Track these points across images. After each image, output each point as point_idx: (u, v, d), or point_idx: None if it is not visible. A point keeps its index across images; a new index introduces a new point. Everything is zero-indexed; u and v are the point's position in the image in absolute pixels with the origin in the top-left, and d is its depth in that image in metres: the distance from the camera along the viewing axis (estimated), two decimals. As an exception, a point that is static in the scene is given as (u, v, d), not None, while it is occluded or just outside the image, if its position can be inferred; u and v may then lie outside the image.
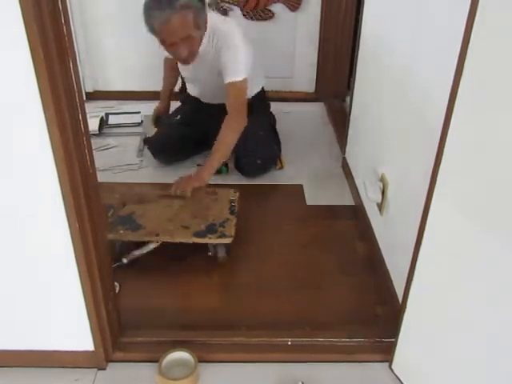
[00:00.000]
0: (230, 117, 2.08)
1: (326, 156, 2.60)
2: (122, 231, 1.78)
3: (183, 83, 2.57)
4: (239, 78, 2.06)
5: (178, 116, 2.51)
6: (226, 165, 2.36)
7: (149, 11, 1.91)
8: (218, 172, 2.26)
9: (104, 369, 1.43)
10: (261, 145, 2.32)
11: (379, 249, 1.84)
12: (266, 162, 2.37)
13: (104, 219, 1.31)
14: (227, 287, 1.73)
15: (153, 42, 1.96)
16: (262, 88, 2.48)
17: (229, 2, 3.01)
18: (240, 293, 1.71)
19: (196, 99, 2.46)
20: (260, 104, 2.45)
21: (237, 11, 3.03)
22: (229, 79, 2.06)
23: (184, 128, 2.41)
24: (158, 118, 2.61)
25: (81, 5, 2.95)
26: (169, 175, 2.37)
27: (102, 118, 2.83)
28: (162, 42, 2.01)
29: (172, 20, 1.89)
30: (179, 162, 2.46)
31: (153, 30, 1.96)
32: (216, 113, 2.27)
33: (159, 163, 2.46)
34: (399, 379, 1.40)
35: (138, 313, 1.58)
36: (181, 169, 2.38)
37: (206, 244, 1.81)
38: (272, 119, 2.56)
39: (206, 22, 2.04)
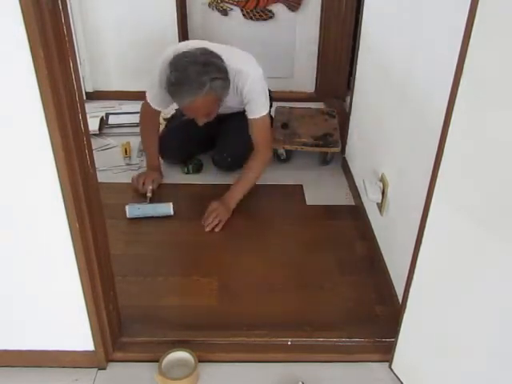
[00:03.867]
0: (257, 152, 2.15)
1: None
2: None
3: None
4: (263, 113, 2.11)
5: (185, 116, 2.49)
6: (195, 165, 2.41)
7: (175, 90, 1.91)
8: (187, 172, 2.37)
9: (104, 369, 1.43)
10: (232, 145, 2.35)
11: (379, 249, 1.84)
12: (235, 160, 2.37)
13: (104, 219, 1.31)
14: (227, 287, 1.73)
15: (153, 42, 1.96)
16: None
17: (229, 2, 3.01)
18: (240, 293, 1.71)
19: None
20: None
21: (237, 11, 3.04)
22: (253, 115, 2.11)
23: (191, 128, 2.39)
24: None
25: (81, 5, 2.95)
26: (169, 175, 2.37)
27: (102, 118, 2.82)
28: (182, 109, 2.05)
29: (196, 103, 1.92)
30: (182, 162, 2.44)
31: (176, 102, 2.01)
32: (223, 117, 2.27)
33: (164, 163, 2.44)
34: (399, 379, 1.41)
35: (138, 312, 1.58)
36: (180, 168, 2.40)
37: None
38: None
39: (228, 89, 2.03)
